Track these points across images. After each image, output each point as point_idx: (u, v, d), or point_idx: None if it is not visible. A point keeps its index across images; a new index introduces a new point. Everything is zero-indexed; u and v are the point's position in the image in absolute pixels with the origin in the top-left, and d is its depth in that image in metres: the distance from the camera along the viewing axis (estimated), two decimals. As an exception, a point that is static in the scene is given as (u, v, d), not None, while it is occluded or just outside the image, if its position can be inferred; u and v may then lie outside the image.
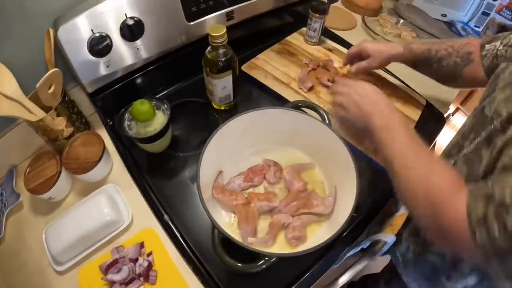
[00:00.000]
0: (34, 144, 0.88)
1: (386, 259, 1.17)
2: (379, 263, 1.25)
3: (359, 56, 0.92)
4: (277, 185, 0.76)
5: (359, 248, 0.91)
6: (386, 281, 1.13)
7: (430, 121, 0.98)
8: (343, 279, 0.81)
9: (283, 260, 0.66)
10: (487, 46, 0.75)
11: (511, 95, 0.53)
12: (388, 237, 0.81)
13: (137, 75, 0.90)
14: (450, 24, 1.38)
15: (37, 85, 0.69)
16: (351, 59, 0.95)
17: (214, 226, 0.58)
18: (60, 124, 0.80)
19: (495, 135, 0.53)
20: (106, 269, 0.68)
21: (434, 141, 0.98)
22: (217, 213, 0.70)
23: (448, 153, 0.71)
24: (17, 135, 0.83)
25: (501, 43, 0.72)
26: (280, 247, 0.68)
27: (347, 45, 1.15)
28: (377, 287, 1.18)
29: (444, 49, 0.82)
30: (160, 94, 0.98)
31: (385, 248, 0.88)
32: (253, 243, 0.65)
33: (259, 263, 0.59)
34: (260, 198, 0.70)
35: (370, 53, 0.89)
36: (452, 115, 1.67)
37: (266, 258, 0.59)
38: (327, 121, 0.75)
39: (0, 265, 0.73)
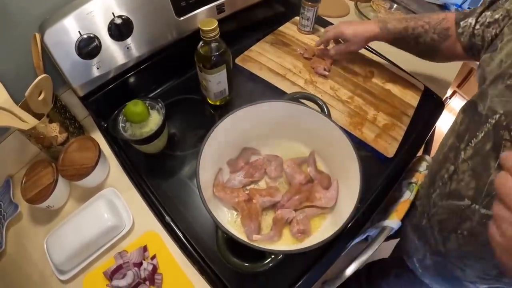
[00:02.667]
0: (29, 152, 0.87)
1: (391, 245, 1.17)
2: (383, 249, 1.25)
3: (336, 40, 0.95)
4: (278, 180, 0.75)
5: (365, 236, 0.90)
6: (396, 275, 1.12)
7: (429, 106, 0.97)
8: (350, 269, 0.80)
9: (289, 255, 0.65)
10: (462, 23, 0.75)
11: (504, 90, 0.52)
12: (393, 223, 0.80)
13: (129, 75, 0.88)
14: (444, 7, 1.36)
15: (26, 93, 0.67)
16: (326, 44, 0.99)
17: (218, 226, 0.57)
18: (53, 130, 0.78)
19: (500, 141, 0.51)
20: (111, 275, 0.68)
21: (434, 126, 0.97)
22: (219, 211, 0.69)
23: (446, 158, 0.69)
24: (11, 145, 0.81)
25: (476, 21, 0.72)
26: (286, 242, 0.67)
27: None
28: (387, 278, 1.18)
29: (420, 26, 0.82)
30: (154, 93, 0.96)
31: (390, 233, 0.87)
32: (259, 240, 0.64)
33: (266, 261, 0.58)
34: (262, 193, 0.69)
35: (347, 38, 0.90)
36: (450, 98, 1.66)
37: (273, 256, 0.58)
38: (326, 112, 0.73)
39: (4, 279, 0.72)
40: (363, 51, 1.06)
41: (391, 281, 1.15)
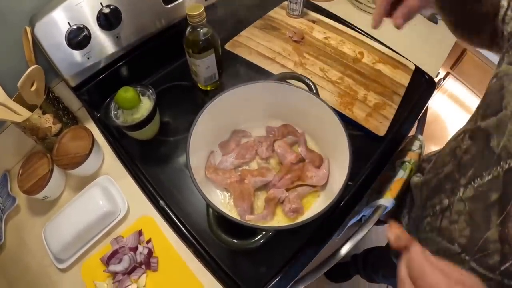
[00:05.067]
0: (25, 146, 0.88)
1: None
2: (381, 236, 1.25)
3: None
4: (270, 160, 0.75)
5: (360, 216, 0.90)
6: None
7: (420, 85, 0.97)
8: (345, 249, 0.81)
9: (282, 233, 0.65)
10: None
11: None
12: (387, 201, 0.81)
13: (119, 64, 0.89)
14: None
15: (19, 84, 0.68)
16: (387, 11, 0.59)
17: (208, 204, 0.58)
18: (47, 121, 0.79)
19: (509, 196, 0.43)
20: (107, 260, 0.69)
21: (426, 106, 0.97)
22: (212, 193, 0.69)
23: (441, 187, 0.60)
24: (6, 139, 0.82)
25: None
26: (279, 221, 0.67)
27: (330, 15, 1.13)
28: (386, 261, 1.18)
29: None
30: (145, 81, 0.96)
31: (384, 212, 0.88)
32: (252, 220, 0.65)
33: (256, 238, 0.58)
34: (254, 174, 0.70)
35: None
36: (443, 79, 1.65)
37: (264, 233, 0.58)
38: (314, 91, 0.74)
39: (4, 273, 0.74)
40: (353, 32, 1.07)
41: (389, 265, 1.15)
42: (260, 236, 0.58)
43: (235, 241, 0.58)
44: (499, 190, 0.44)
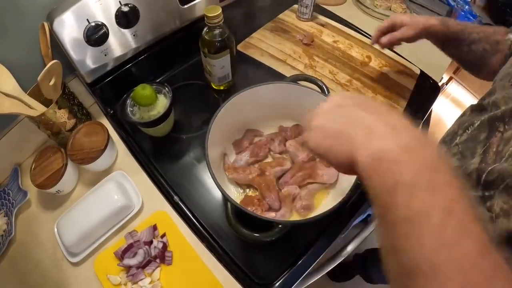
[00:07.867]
0: (36, 140, 0.89)
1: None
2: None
3: (391, 30, 0.83)
4: (283, 156, 0.77)
5: (366, 215, 0.93)
6: None
7: (425, 89, 0.99)
8: (351, 247, 0.83)
9: (294, 229, 0.67)
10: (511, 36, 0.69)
11: (509, 88, 0.52)
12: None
13: (135, 61, 0.90)
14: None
15: (39, 78, 0.69)
16: (381, 35, 0.84)
17: (227, 199, 0.59)
18: (62, 116, 0.80)
19: (493, 131, 0.51)
20: (122, 254, 0.69)
21: (430, 109, 1.00)
22: (226, 188, 0.70)
23: (442, 142, 0.68)
24: (17, 134, 0.83)
25: None
26: (291, 218, 0.69)
27: (339, 19, 1.16)
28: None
29: (476, 33, 0.75)
30: (159, 79, 0.98)
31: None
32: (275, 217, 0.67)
33: (274, 231, 0.60)
34: (272, 165, 0.73)
35: (405, 23, 0.79)
36: (446, 84, 1.69)
37: (280, 226, 0.60)
38: (326, 93, 0.76)
39: (15, 267, 0.74)
40: (360, 37, 1.09)
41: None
42: (277, 230, 0.60)
43: (255, 234, 0.60)
44: (486, 130, 0.53)
